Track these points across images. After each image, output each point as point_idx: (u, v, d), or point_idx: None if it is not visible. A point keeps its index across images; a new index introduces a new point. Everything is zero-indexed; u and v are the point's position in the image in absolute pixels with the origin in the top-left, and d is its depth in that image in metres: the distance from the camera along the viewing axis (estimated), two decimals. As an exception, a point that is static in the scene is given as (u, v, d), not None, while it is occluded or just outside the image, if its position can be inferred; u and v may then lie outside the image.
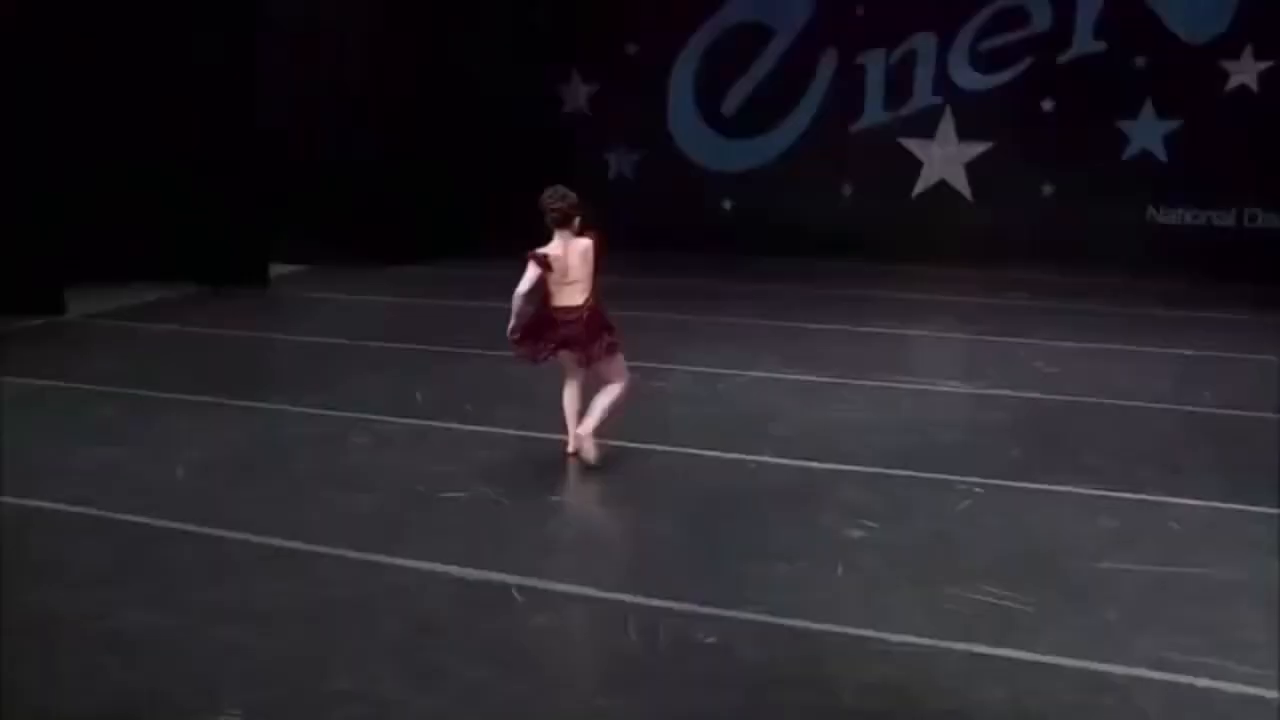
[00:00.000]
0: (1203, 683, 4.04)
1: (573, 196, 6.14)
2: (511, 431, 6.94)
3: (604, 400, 6.15)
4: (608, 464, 6.22)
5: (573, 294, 6.09)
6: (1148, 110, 12.90)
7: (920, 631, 4.41)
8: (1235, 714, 3.88)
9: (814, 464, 6.41)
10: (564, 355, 6.20)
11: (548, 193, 6.15)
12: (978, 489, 5.95)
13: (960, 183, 13.79)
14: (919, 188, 13.96)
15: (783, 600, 4.67)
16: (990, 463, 6.41)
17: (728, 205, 14.70)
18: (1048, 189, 13.40)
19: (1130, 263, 12.61)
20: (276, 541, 5.20)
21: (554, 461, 6.38)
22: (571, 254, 6.08)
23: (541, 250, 6.09)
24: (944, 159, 13.80)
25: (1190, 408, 7.62)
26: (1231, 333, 9.89)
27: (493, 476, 6.09)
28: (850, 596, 4.74)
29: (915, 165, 13.91)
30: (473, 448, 6.63)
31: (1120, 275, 12.37)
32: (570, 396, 6.32)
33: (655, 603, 4.63)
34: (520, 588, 4.73)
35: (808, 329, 10.25)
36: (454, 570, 4.91)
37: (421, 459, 6.43)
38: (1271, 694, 3.97)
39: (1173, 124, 12.85)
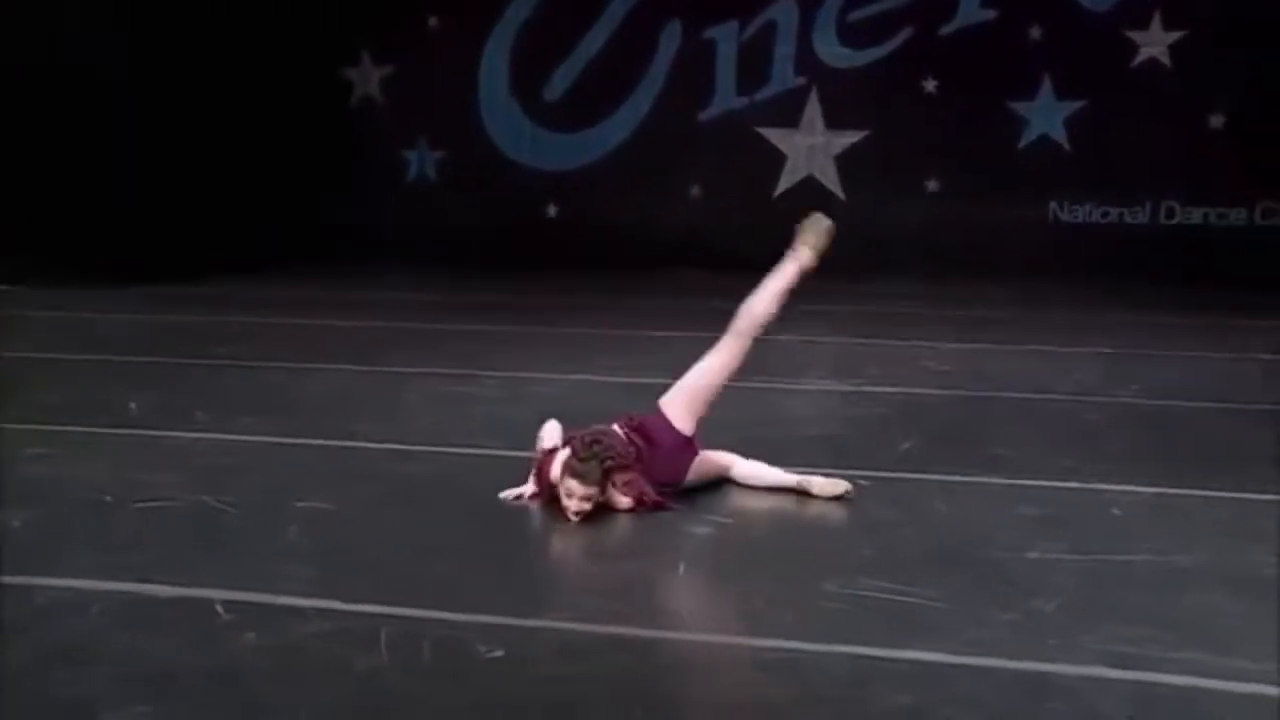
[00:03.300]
0: (1178, 680, 3.43)
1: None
2: (257, 438, 6.14)
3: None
4: (382, 469, 5.54)
5: None
6: (1046, 90, 12.85)
7: (790, 634, 3.73)
8: (1227, 714, 3.27)
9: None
10: None
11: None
12: (861, 481, 5.34)
13: (830, 178, 13.50)
14: (781, 186, 13.62)
15: (601, 606, 3.94)
16: (875, 455, 5.86)
17: (552, 211, 14.11)
18: (932, 185, 13.20)
19: (1031, 267, 12.42)
20: None
21: (310, 468, 5.65)
22: None
23: None
24: (810, 151, 13.50)
25: (1116, 398, 7.22)
26: (1154, 334, 9.66)
27: (220, 484, 5.30)
28: (693, 599, 4.07)
29: (777, 159, 13.57)
30: (200, 455, 5.87)
31: (1020, 282, 12.14)
32: None
33: (420, 613, 3.84)
34: (228, 603, 3.88)
35: (643, 335, 9.65)
36: (130, 587, 4.04)
37: (122, 468, 5.57)
38: (1273, 690, 3.38)
39: (1075, 105, 12.81)
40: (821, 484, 5.18)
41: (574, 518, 4.72)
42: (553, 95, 14.06)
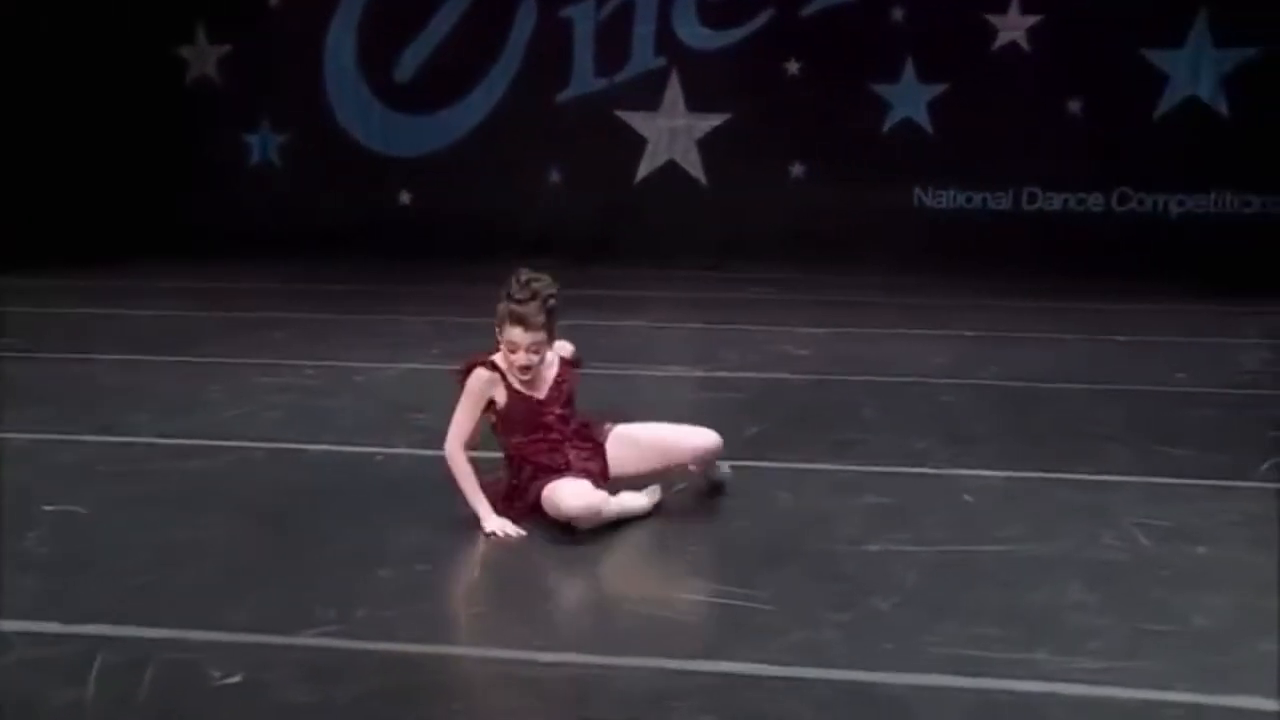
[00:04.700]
0: (1022, 685, 2.98)
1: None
2: (21, 435, 5.47)
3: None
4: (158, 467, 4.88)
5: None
6: (909, 73, 12.50)
7: (587, 647, 3.21)
8: (1077, 724, 2.83)
9: (470, 453, 5.19)
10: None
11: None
12: (694, 469, 4.83)
13: (692, 163, 13.01)
14: (642, 170, 13.09)
15: (370, 618, 3.37)
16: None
17: (405, 198, 13.42)
18: (797, 169, 12.79)
19: (895, 253, 12.04)
20: None
21: (75, 466, 4.99)
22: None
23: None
24: (672, 135, 12.99)
25: (975, 381, 6.84)
26: (1015, 318, 9.36)
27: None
28: (481, 608, 3.49)
29: (637, 143, 13.05)
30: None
31: (884, 267, 11.79)
32: None
33: (151, 633, 3.24)
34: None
35: (484, 324, 9.06)
36: None
37: None
38: (1123, 692, 2.95)
39: (938, 89, 12.48)
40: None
41: (524, 375, 4.20)
42: (403, 76, 13.33)
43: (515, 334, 4.20)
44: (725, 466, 4.68)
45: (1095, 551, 3.95)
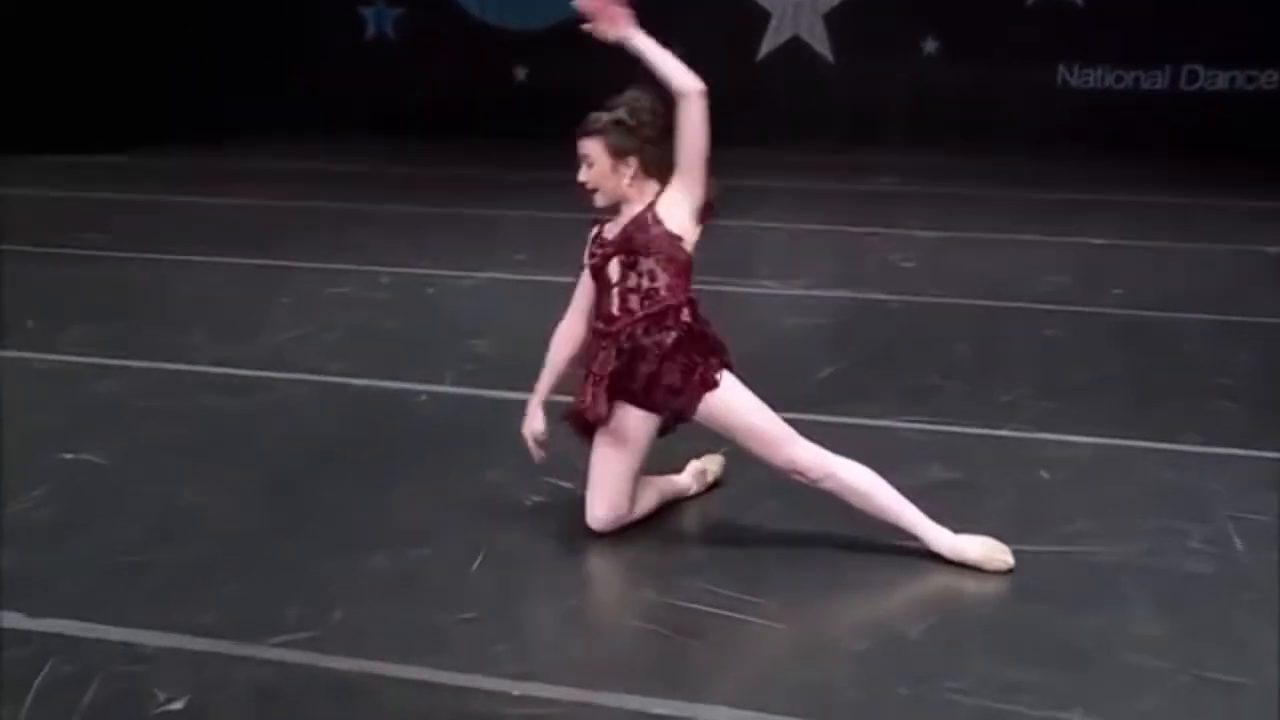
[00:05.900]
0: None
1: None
2: (74, 358, 5.38)
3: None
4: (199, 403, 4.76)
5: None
6: (1057, -61, 11.61)
7: (566, 677, 2.92)
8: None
9: (512, 394, 4.89)
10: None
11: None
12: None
13: (819, 39, 12.34)
14: (766, 47, 12.48)
15: (344, 623, 3.12)
16: (785, 388, 4.88)
17: (521, 74, 13.05)
18: (930, 45, 12.04)
19: (1034, 138, 11.34)
20: None
21: (112, 401, 4.84)
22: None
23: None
24: (797, 8, 12.33)
25: (1091, 308, 6.28)
26: (1158, 219, 8.66)
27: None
28: (470, 613, 3.20)
29: (761, 17, 12.41)
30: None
31: (1021, 153, 11.09)
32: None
33: (112, 634, 3.06)
34: None
35: (584, 221, 8.70)
36: None
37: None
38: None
39: (1089, -43, 11.58)
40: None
41: (589, 197, 3.76)
42: (519, -57, 12.90)
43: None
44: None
45: (1176, 558, 3.48)
